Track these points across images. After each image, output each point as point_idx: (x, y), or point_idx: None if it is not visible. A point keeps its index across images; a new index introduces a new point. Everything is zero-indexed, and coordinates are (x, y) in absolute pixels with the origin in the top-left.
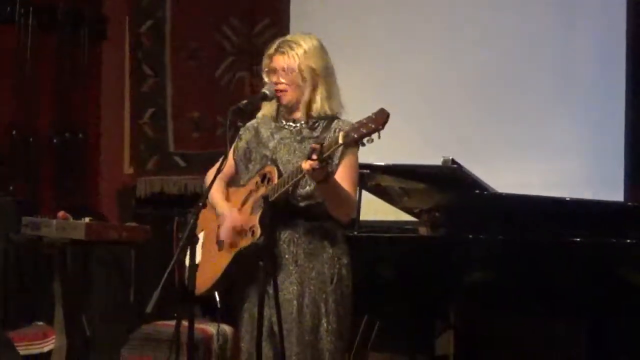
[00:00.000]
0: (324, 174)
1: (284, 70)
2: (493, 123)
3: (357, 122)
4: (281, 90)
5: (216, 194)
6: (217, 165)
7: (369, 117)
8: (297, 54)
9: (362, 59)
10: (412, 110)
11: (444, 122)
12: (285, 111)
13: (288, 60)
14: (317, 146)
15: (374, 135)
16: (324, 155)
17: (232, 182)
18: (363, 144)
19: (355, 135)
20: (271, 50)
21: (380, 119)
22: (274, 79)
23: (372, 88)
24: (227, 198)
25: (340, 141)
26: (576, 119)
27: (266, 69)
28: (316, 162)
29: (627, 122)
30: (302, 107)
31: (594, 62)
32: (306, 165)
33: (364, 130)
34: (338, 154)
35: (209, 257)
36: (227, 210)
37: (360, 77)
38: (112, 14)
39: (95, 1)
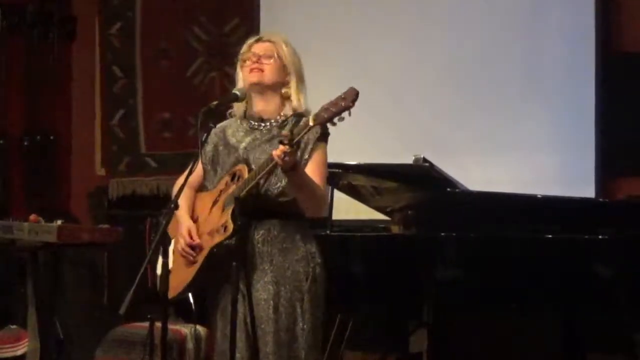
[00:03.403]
0: (293, 161)
1: (266, 54)
2: (463, 120)
3: (327, 103)
4: (259, 69)
5: (182, 205)
6: (187, 170)
7: (338, 97)
8: (281, 45)
9: (332, 57)
10: (382, 109)
11: (414, 120)
12: (254, 107)
13: (273, 47)
14: (288, 133)
15: (345, 114)
16: (295, 140)
17: (201, 187)
18: (334, 124)
19: (326, 115)
20: (252, 40)
21: (349, 97)
22: (253, 59)
23: (342, 87)
24: (195, 203)
25: (311, 123)
26: (546, 115)
27: (243, 56)
28: (287, 147)
29: (597, 117)
30: (274, 101)
31: (564, 58)
32: (277, 152)
33: (334, 109)
34: (308, 149)
35: (181, 262)
36: (185, 226)
37: (330, 76)
38: (82, 14)
39: (64, 1)
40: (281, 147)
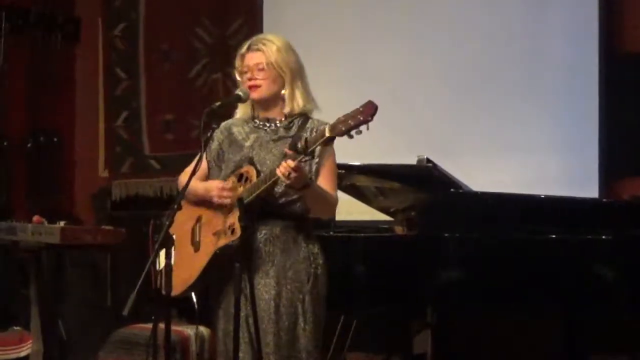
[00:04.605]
0: (303, 180)
1: (258, 67)
2: (466, 121)
3: (344, 115)
4: (255, 86)
5: (194, 183)
6: (191, 166)
7: (355, 110)
8: (271, 50)
9: (334, 57)
10: (384, 109)
11: (416, 121)
12: (260, 110)
13: (262, 57)
14: (291, 152)
15: (363, 127)
16: (309, 149)
17: None
18: (351, 136)
19: (343, 128)
20: (243, 49)
21: (368, 111)
22: (248, 76)
23: (345, 87)
24: (198, 201)
25: (328, 134)
26: (549, 115)
27: (239, 69)
28: (292, 163)
29: (601, 118)
30: (278, 104)
31: (567, 58)
32: (281, 169)
33: (352, 123)
34: (317, 151)
35: (183, 259)
36: (210, 183)
37: (333, 76)
38: (85, 16)
39: (68, 3)
40: (283, 164)
